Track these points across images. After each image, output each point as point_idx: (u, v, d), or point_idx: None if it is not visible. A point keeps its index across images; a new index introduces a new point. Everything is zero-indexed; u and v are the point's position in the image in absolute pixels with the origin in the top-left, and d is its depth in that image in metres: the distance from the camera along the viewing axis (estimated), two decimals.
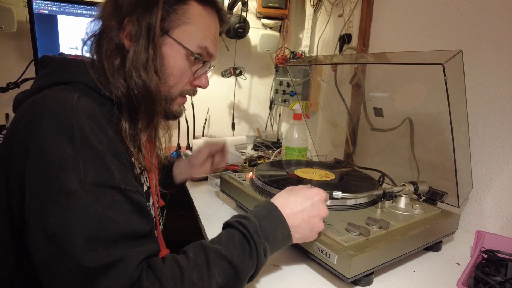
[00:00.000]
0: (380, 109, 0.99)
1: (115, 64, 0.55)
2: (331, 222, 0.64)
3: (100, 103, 0.53)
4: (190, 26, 0.59)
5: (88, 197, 0.43)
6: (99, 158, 0.46)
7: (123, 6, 0.55)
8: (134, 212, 0.47)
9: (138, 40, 0.55)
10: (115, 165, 0.47)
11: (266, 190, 0.77)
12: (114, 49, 0.56)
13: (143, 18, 0.54)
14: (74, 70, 0.55)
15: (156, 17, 0.55)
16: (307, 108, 1.43)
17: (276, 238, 0.54)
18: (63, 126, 0.46)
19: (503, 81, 0.77)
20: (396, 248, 0.61)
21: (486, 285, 0.56)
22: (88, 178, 0.44)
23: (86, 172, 0.44)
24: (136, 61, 0.55)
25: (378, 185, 0.89)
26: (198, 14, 0.60)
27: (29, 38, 1.21)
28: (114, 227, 0.44)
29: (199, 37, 0.60)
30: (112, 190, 0.46)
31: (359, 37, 1.17)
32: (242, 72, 1.62)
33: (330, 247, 0.57)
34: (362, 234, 0.59)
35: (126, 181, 0.48)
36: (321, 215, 0.58)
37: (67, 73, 0.55)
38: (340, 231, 0.60)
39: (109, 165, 0.47)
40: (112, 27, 0.55)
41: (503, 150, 0.77)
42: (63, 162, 0.44)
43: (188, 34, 0.59)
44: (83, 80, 0.54)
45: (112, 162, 0.47)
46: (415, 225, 0.66)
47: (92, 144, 0.46)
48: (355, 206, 0.71)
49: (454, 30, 0.87)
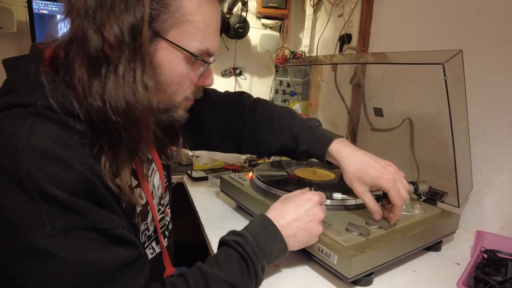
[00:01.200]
0: (380, 109, 0.99)
1: (91, 81, 0.44)
2: (331, 222, 0.64)
3: (66, 125, 0.44)
4: (188, 25, 0.49)
5: (62, 249, 0.39)
6: (63, 205, 0.40)
7: (99, 5, 0.43)
8: (116, 244, 0.44)
9: (121, 48, 0.44)
10: (83, 206, 0.41)
11: (266, 190, 0.77)
12: (90, 61, 0.44)
13: (125, 20, 0.43)
14: (32, 88, 0.45)
15: (142, 17, 0.44)
16: (307, 108, 1.43)
17: (273, 254, 0.55)
18: (11, 177, 0.39)
19: (503, 81, 0.77)
20: (396, 248, 0.61)
21: (486, 285, 0.56)
22: (57, 229, 0.39)
23: (52, 224, 0.38)
24: (117, 78, 0.44)
25: None
26: (195, 6, 0.49)
27: (29, 38, 1.21)
28: (99, 268, 0.41)
29: (198, 37, 0.50)
30: (86, 231, 0.41)
31: (359, 37, 1.17)
32: (242, 72, 1.62)
33: (330, 247, 0.57)
34: (362, 234, 0.59)
35: (99, 219, 0.42)
36: (317, 219, 0.58)
37: (23, 93, 0.45)
38: (340, 231, 0.60)
39: (76, 208, 0.40)
40: (87, 32, 0.44)
41: (503, 150, 0.77)
42: (23, 219, 0.38)
43: (186, 34, 0.49)
44: (43, 102, 0.44)
45: (79, 204, 0.41)
46: (415, 225, 0.66)
47: (50, 193, 0.39)
48: (355, 206, 0.71)
49: (454, 30, 0.87)
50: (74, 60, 0.44)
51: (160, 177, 0.65)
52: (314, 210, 0.58)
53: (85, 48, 0.44)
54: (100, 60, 0.44)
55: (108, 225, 0.43)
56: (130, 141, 0.46)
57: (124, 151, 0.47)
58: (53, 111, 0.44)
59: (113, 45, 0.43)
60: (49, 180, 0.39)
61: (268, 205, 0.71)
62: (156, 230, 0.62)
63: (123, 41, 0.43)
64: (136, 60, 0.45)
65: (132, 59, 0.45)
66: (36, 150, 0.39)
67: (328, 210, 0.69)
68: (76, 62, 0.44)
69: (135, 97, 0.45)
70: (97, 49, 0.44)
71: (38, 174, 0.39)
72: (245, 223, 0.80)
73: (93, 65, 0.44)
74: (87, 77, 0.44)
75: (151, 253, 0.61)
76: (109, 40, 0.43)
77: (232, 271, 0.50)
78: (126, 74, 0.44)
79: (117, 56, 0.44)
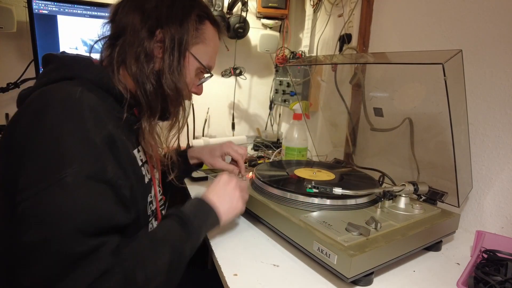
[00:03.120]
0: (380, 109, 0.99)
1: (147, 67, 0.60)
2: (331, 222, 0.64)
3: (102, 97, 0.57)
4: (205, 46, 0.67)
5: (81, 190, 0.47)
6: (95, 153, 0.49)
7: (154, 17, 0.60)
8: (119, 205, 0.52)
9: (170, 50, 0.61)
10: (109, 160, 0.52)
11: (266, 190, 0.77)
12: (146, 53, 0.60)
13: (176, 32, 0.61)
14: (77, 66, 0.59)
15: (188, 33, 0.63)
16: (307, 108, 1.43)
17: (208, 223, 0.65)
18: (66, 120, 0.49)
19: (503, 81, 0.77)
20: (396, 248, 0.61)
21: (486, 285, 0.56)
22: (83, 172, 0.47)
23: (81, 167, 0.47)
24: (168, 65, 0.61)
25: (378, 184, 0.89)
26: (212, 35, 0.68)
27: (29, 38, 1.21)
28: (100, 218, 0.48)
29: (208, 57, 0.69)
30: (103, 184, 0.49)
31: (359, 37, 1.17)
32: (242, 72, 1.62)
33: (330, 247, 0.57)
34: (362, 234, 0.59)
35: (117, 175, 0.52)
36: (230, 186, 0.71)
37: (71, 69, 0.58)
38: (340, 231, 0.60)
39: (104, 160, 0.50)
40: (142, 35, 0.60)
41: (503, 150, 0.77)
42: (62, 155, 0.47)
43: (202, 52, 0.67)
44: (87, 75, 0.58)
45: (106, 157, 0.51)
46: (415, 225, 0.66)
47: (91, 138, 0.49)
48: (355, 206, 0.71)
49: (454, 30, 0.87)
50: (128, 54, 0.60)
51: (157, 167, 0.76)
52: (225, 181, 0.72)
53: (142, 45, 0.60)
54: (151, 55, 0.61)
55: (121, 181, 0.53)
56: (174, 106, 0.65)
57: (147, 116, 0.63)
58: (94, 84, 0.57)
59: (165, 47, 0.61)
60: (94, 129, 0.50)
61: (269, 205, 0.72)
62: (156, 206, 0.72)
63: (174, 45, 0.61)
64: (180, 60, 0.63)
65: (178, 59, 0.62)
66: (88, 105, 0.51)
67: (327, 210, 0.70)
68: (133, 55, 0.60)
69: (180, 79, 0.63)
70: (151, 47, 0.60)
71: (88, 122, 0.50)
72: (245, 223, 0.80)
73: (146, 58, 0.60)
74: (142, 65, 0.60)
75: (150, 228, 0.69)
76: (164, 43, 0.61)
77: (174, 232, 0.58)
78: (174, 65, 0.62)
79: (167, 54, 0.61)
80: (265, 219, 0.74)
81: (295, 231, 0.65)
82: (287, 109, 1.75)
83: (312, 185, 0.68)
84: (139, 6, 0.61)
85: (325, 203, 0.71)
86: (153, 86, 0.61)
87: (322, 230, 0.61)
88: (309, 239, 0.61)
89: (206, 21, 0.67)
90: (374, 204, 0.74)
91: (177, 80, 0.62)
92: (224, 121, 1.81)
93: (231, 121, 1.78)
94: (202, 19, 0.66)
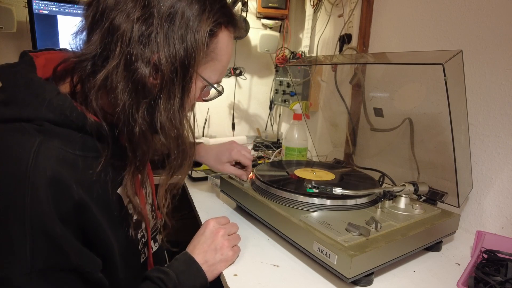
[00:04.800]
0: (380, 109, 0.99)
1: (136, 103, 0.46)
2: (331, 222, 0.64)
3: (71, 140, 0.45)
4: (216, 63, 0.54)
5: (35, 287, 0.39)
6: (54, 243, 0.40)
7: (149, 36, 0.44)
8: (88, 286, 0.45)
9: (169, 81, 0.46)
10: (73, 248, 0.42)
11: (266, 190, 0.77)
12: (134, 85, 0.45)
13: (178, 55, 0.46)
14: (36, 102, 0.44)
15: (195, 57, 0.47)
16: (307, 108, 1.43)
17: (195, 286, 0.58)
18: (12, 204, 0.38)
19: (503, 81, 0.77)
20: (396, 248, 0.61)
21: (486, 285, 0.56)
22: (36, 267, 0.39)
23: (33, 262, 0.39)
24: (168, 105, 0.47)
25: (378, 185, 0.89)
26: (225, 45, 0.54)
27: (29, 38, 1.21)
28: None
29: (219, 72, 0.56)
30: (66, 273, 0.42)
31: (359, 37, 1.17)
32: (242, 72, 1.62)
33: (330, 247, 0.57)
34: (362, 234, 0.59)
35: (83, 262, 0.44)
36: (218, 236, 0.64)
37: (26, 105, 0.43)
38: (340, 231, 0.60)
39: (66, 249, 0.41)
40: (134, 61, 0.44)
41: (503, 150, 0.77)
42: (7, 250, 0.38)
43: (212, 70, 0.54)
44: (48, 117, 0.43)
45: (69, 245, 0.42)
46: (415, 225, 0.66)
47: (46, 229, 0.39)
48: (355, 206, 0.71)
49: (454, 30, 0.87)
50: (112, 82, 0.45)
51: (150, 183, 0.68)
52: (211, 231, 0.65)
53: (129, 73, 0.44)
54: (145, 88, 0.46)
55: (89, 269, 0.45)
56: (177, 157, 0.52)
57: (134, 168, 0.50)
58: (58, 125, 0.44)
59: (163, 77, 0.46)
60: (51, 213, 0.40)
61: (269, 205, 0.72)
62: (147, 238, 0.65)
63: (176, 74, 0.46)
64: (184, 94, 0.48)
65: (180, 93, 0.48)
66: (45, 175, 0.40)
67: (327, 210, 0.69)
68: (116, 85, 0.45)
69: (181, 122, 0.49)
70: (144, 76, 0.45)
71: (43, 206, 0.39)
72: (245, 223, 0.80)
73: (137, 92, 0.46)
74: (131, 101, 0.45)
75: (143, 258, 0.64)
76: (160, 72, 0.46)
77: None
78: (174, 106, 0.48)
79: (165, 88, 0.46)
80: (265, 219, 0.74)
81: (295, 231, 0.65)
82: (287, 109, 1.75)
83: (312, 185, 0.68)
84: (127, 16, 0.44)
85: (325, 203, 0.71)
86: (143, 130, 0.46)
87: (322, 230, 0.60)
88: (309, 239, 0.61)
89: (219, 32, 0.52)
90: (374, 204, 0.74)
91: (177, 124, 0.48)
92: (224, 121, 1.81)
93: (231, 121, 1.78)
94: (215, 32, 0.51)
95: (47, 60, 0.51)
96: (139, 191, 0.57)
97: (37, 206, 0.39)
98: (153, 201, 0.70)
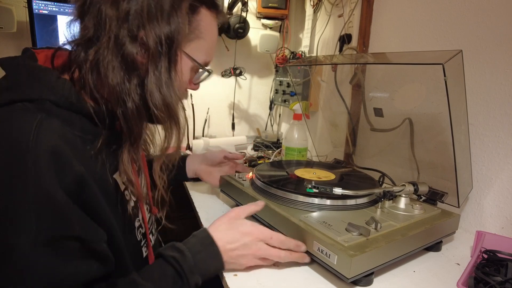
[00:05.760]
0: (380, 109, 0.99)
1: (127, 80, 0.49)
2: (331, 222, 0.64)
3: (70, 120, 0.47)
4: (202, 42, 0.56)
5: (40, 257, 0.40)
6: (56, 211, 0.41)
7: (135, 15, 0.47)
8: (93, 258, 0.46)
9: (156, 56, 0.49)
10: (76, 213, 0.43)
11: (266, 191, 0.77)
12: (124, 63, 0.48)
13: (163, 31, 0.49)
14: (37, 85, 0.47)
15: (179, 32, 0.50)
16: (307, 108, 1.43)
17: (210, 271, 0.56)
18: (16, 172, 0.39)
19: (503, 81, 0.77)
20: (397, 248, 0.61)
21: (486, 285, 0.56)
22: (41, 236, 0.40)
23: (38, 230, 0.39)
24: (156, 79, 0.49)
25: (378, 185, 0.89)
26: (209, 24, 0.56)
27: (29, 38, 1.21)
28: (71, 279, 0.43)
29: (206, 53, 0.58)
30: (70, 240, 0.43)
31: (359, 37, 1.17)
32: (242, 72, 1.62)
33: (330, 247, 0.57)
34: (362, 234, 0.59)
35: (86, 228, 0.45)
36: (254, 254, 0.59)
37: (29, 89, 0.46)
38: (340, 231, 0.60)
39: (68, 216, 0.42)
40: (122, 39, 0.47)
41: (503, 150, 0.77)
42: (12, 218, 0.39)
43: (199, 49, 0.56)
44: (50, 97, 0.46)
45: (72, 211, 0.43)
46: (415, 225, 0.66)
47: (50, 195, 0.40)
48: (355, 206, 0.71)
49: (454, 30, 0.87)
50: (104, 63, 0.47)
51: (145, 178, 0.68)
52: (253, 245, 0.59)
53: (122, 51, 0.47)
54: (134, 64, 0.49)
55: (93, 239, 0.45)
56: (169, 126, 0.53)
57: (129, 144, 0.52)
58: (59, 106, 0.47)
59: (151, 52, 0.48)
60: (53, 182, 0.41)
61: (269, 205, 0.71)
62: (145, 229, 0.64)
63: (162, 50, 0.49)
64: (170, 69, 0.51)
65: (166, 65, 0.50)
66: (47, 147, 0.41)
67: (327, 210, 0.69)
68: (107, 64, 0.47)
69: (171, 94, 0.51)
70: (134, 53, 0.48)
71: (45, 174, 0.40)
72: None
73: (128, 68, 0.49)
74: (121, 77, 0.48)
75: (145, 252, 0.63)
76: (149, 47, 0.48)
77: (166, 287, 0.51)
78: (162, 77, 0.50)
79: (152, 61, 0.49)
80: (264, 219, 0.74)
81: (295, 231, 0.65)
82: (287, 109, 1.75)
83: (312, 185, 0.68)
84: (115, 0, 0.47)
85: (325, 203, 0.71)
86: (135, 104, 0.49)
87: (322, 230, 0.60)
88: (309, 239, 0.61)
89: (200, 9, 0.54)
90: (374, 204, 0.74)
91: (166, 94, 0.50)
92: (224, 121, 1.81)
93: (231, 121, 1.78)
94: (196, 8, 0.53)
95: (47, 57, 0.53)
96: (135, 178, 0.57)
97: (40, 175, 0.40)
98: (149, 195, 0.69)
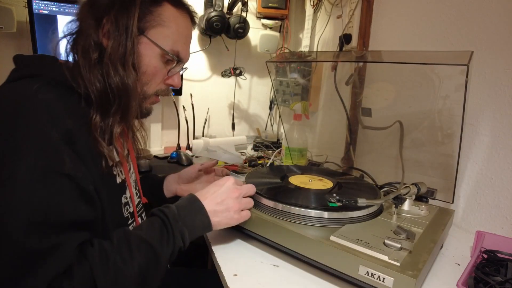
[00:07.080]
0: (369, 109, 1.00)
1: (92, 60, 0.56)
2: (362, 238, 0.57)
3: (65, 94, 0.54)
4: (165, 29, 0.61)
5: (35, 186, 0.44)
6: (51, 146, 0.47)
7: (101, 5, 0.57)
8: (81, 199, 0.50)
9: (116, 37, 0.56)
10: (67, 153, 0.48)
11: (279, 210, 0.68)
12: (92, 46, 0.56)
13: (121, 17, 0.56)
14: (39, 64, 0.57)
15: (133, 17, 0.57)
16: (307, 109, 1.43)
17: (196, 224, 0.60)
18: (18, 116, 0.47)
19: (503, 81, 0.77)
20: (433, 257, 0.57)
21: (486, 285, 0.56)
22: (38, 166, 0.45)
23: (35, 161, 0.45)
24: (113, 57, 0.56)
25: (378, 189, 0.86)
26: (172, 16, 0.62)
27: (29, 38, 1.21)
28: (58, 214, 0.46)
29: (172, 40, 0.62)
30: (61, 177, 0.47)
31: (359, 38, 1.17)
32: (242, 72, 1.61)
33: (384, 270, 0.49)
34: (404, 249, 0.53)
35: (76, 168, 0.49)
36: (232, 196, 0.65)
37: (32, 67, 0.56)
38: (380, 248, 0.53)
39: (61, 152, 0.48)
40: (89, 25, 0.56)
41: (503, 150, 0.77)
42: (13, 150, 0.45)
43: (163, 36, 0.61)
44: (49, 73, 0.55)
45: (64, 150, 0.48)
46: (433, 227, 0.64)
47: (45, 132, 0.47)
48: (367, 216, 0.66)
49: (454, 30, 0.87)
50: (79, 47, 0.56)
51: (134, 169, 0.73)
52: (229, 188, 0.66)
53: (89, 35, 0.56)
54: (100, 45, 0.57)
55: (80, 174, 0.49)
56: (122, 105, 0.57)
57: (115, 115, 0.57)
58: (57, 83, 0.54)
59: (111, 35, 0.56)
60: (48, 123, 0.47)
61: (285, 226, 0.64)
62: (133, 208, 0.68)
63: (118, 32, 0.56)
64: (127, 46, 0.56)
65: (124, 45, 0.56)
66: (43, 100, 0.49)
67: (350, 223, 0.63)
68: (81, 48, 0.56)
69: (126, 72, 0.56)
70: (98, 37, 0.57)
71: (42, 115, 0.47)
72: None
73: (95, 49, 0.56)
74: (89, 58, 0.56)
75: None
76: (110, 31, 0.56)
77: (153, 234, 0.55)
78: (120, 54, 0.56)
79: (113, 42, 0.56)
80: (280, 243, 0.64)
81: (323, 253, 0.57)
82: (287, 109, 1.75)
83: (336, 199, 0.62)
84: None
85: (346, 217, 0.63)
86: (100, 83, 0.56)
87: (364, 250, 0.53)
88: (351, 263, 0.53)
89: (164, 2, 0.61)
90: (381, 211, 0.70)
91: (124, 74, 0.56)
92: (224, 121, 1.81)
93: (231, 121, 1.78)
94: (158, 1, 0.61)
95: None
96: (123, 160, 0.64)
97: (38, 118, 0.47)
98: (137, 182, 0.74)
